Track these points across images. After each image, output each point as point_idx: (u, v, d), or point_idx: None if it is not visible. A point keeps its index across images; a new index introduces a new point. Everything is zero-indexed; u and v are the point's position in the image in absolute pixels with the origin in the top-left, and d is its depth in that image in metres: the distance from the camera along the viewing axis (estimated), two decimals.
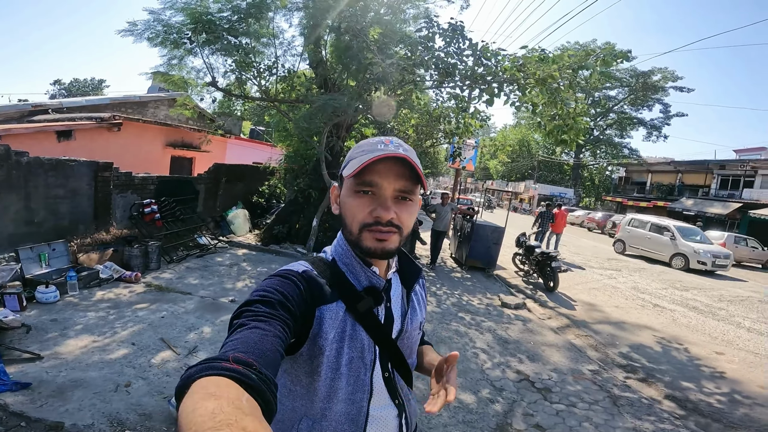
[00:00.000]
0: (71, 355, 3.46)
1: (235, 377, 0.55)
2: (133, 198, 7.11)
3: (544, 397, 3.72)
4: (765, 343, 6.09)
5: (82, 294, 4.96)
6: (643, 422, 3.45)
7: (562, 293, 7.92)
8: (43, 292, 4.57)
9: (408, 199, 0.88)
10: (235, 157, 13.53)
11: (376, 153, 0.84)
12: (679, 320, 6.99)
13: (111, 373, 3.23)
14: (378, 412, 0.93)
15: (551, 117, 7.48)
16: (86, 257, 5.88)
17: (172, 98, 12.86)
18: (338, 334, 0.87)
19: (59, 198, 5.86)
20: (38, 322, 4.01)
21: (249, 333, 0.67)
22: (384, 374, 0.94)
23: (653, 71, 34.36)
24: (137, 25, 6.54)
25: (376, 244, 0.87)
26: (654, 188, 31.45)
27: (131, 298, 5.01)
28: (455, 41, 6.89)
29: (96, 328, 4.06)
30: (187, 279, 6.07)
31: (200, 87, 7.84)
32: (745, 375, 4.81)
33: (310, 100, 7.34)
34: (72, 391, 2.94)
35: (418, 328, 1.04)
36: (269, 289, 0.79)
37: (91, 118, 8.67)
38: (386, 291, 0.97)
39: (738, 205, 23.13)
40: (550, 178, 43.43)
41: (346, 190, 0.91)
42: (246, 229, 9.91)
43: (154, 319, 4.43)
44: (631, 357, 5.05)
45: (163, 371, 3.38)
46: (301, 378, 0.90)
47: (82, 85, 44.61)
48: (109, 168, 6.59)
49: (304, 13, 6.91)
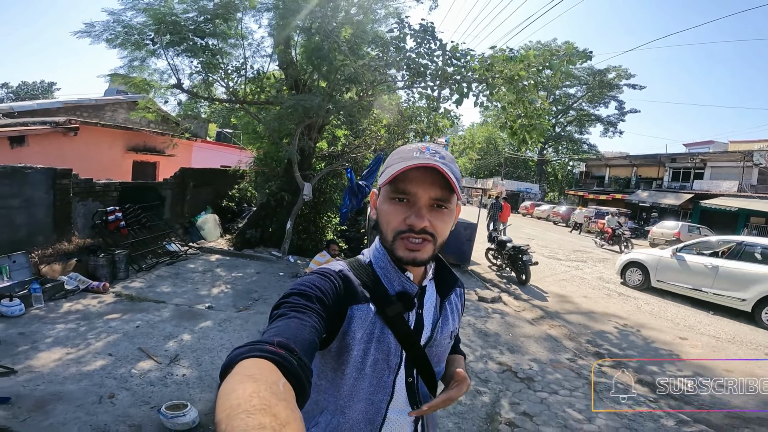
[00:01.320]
0: (46, 368, 3.32)
1: (278, 361, 0.58)
2: (94, 206, 6.79)
3: (527, 386, 3.85)
4: (725, 327, 6.50)
5: (48, 306, 4.73)
6: (621, 405, 3.63)
7: (535, 285, 8.18)
8: (8, 305, 4.33)
9: (444, 207, 0.89)
10: (201, 161, 13.15)
11: (411, 162, 0.84)
12: (642, 308, 7.36)
13: (91, 385, 3.11)
14: (395, 416, 0.94)
15: (517, 116, 7.72)
16: (49, 268, 5.58)
17: (131, 101, 12.35)
18: (366, 334, 0.89)
19: (14, 208, 5.52)
20: (5, 336, 3.82)
21: (289, 321, 0.70)
22: (408, 379, 0.94)
23: (608, 69, 35.99)
24: (95, 26, 6.25)
25: (408, 254, 0.88)
26: (612, 181, 32.92)
27: (101, 309, 4.80)
28: (426, 42, 6.98)
29: (68, 340, 3.89)
30: (158, 287, 5.86)
31: (164, 89, 7.57)
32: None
33: (280, 102, 7.23)
34: (53, 404, 2.83)
35: (449, 337, 1.04)
36: (307, 284, 0.82)
37: (46, 122, 8.20)
38: (419, 297, 0.97)
39: (689, 195, 24.56)
40: (516, 174, 44.68)
41: (383, 197, 0.92)
42: (217, 234, 9.66)
43: (129, 329, 4.26)
44: (601, 345, 5.28)
45: (147, 381, 3.27)
46: (327, 373, 0.91)
47: (31, 89, 41.95)
48: (68, 175, 6.25)
49: (274, 14, 6.80)
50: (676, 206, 24.73)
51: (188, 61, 6.96)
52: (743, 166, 23.36)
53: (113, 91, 12.77)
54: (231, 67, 7.61)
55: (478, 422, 3.16)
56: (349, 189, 8.03)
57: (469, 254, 9.23)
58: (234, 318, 4.91)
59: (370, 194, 1.01)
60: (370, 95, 7.62)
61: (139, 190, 7.84)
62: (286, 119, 7.31)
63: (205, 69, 7.23)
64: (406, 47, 7.07)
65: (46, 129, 7.96)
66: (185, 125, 10.82)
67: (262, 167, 9.97)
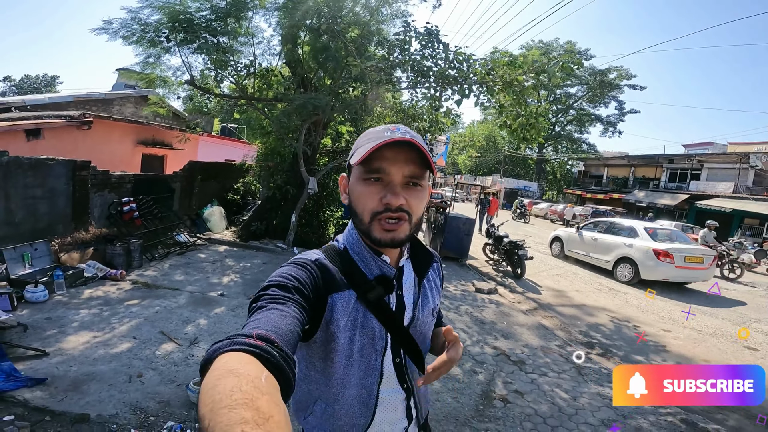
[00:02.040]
0: (76, 350, 3.57)
1: (258, 354, 0.57)
2: (110, 197, 7.08)
3: (519, 368, 4.18)
4: (707, 322, 6.83)
5: (69, 293, 4.99)
6: (604, 388, 3.96)
7: (529, 279, 8.50)
8: (33, 291, 4.60)
9: (418, 185, 0.88)
10: (206, 155, 13.41)
11: (383, 139, 0.84)
12: (631, 302, 7.69)
13: (120, 366, 3.39)
14: (387, 396, 0.95)
15: (516, 116, 8.04)
16: (68, 257, 5.86)
17: (139, 95, 12.64)
18: (350, 321, 0.89)
19: (38, 198, 5.80)
20: (33, 321, 4.06)
21: (268, 313, 0.70)
22: (395, 360, 0.95)
23: (610, 69, 36.15)
24: (112, 23, 6.51)
25: (385, 235, 0.87)
26: (610, 181, 33.26)
27: (120, 296, 5.10)
28: (430, 44, 7.27)
29: (93, 324, 4.16)
30: (172, 276, 6.16)
31: (176, 85, 7.84)
32: (690, 350, 5.43)
33: (289, 99, 7.52)
34: (87, 384, 3.08)
35: (431, 314, 1.04)
36: (284, 275, 0.82)
37: (61, 116, 8.46)
38: (398, 279, 0.97)
39: (686, 196, 24.89)
40: (515, 172, 44.94)
41: (355, 178, 0.90)
42: (222, 226, 9.96)
43: (149, 314, 4.56)
44: (590, 334, 5.61)
45: (170, 361, 3.56)
46: (315, 363, 0.93)
47: (34, 82, 41.81)
48: (87, 167, 6.54)
49: (282, 13, 7.06)
50: (672, 206, 25.07)
51: (203, 58, 7.22)
52: (739, 168, 23.66)
53: (121, 85, 13.03)
54: (241, 65, 7.88)
55: (474, 397, 3.49)
56: None
57: (467, 249, 9.56)
58: (246, 304, 5.20)
59: (340, 178, 1.00)
60: (375, 94, 7.90)
61: (151, 183, 8.12)
62: (294, 116, 7.60)
63: (216, 66, 7.50)
64: (411, 49, 7.37)
65: (62, 122, 8.24)
66: (197, 120, 11.09)
67: (267, 162, 10.26)
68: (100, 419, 2.72)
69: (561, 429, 3.15)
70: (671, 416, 3.49)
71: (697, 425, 3.38)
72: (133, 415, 2.80)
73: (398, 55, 7.31)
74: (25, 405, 2.78)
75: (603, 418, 3.35)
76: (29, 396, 2.87)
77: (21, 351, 3.44)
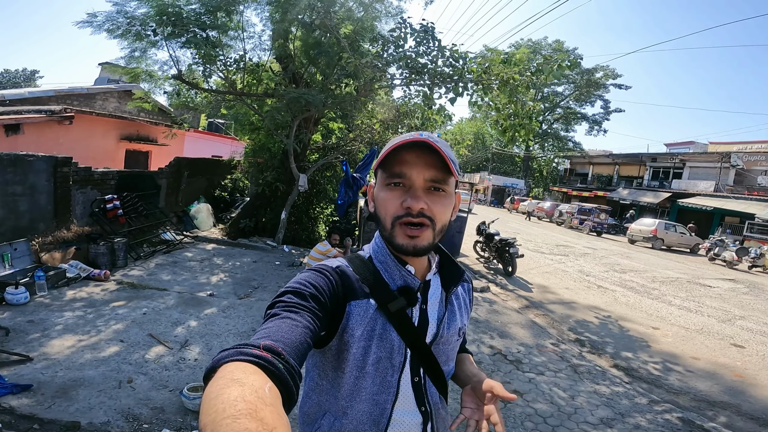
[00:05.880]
0: (61, 355, 3.43)
1: (263, 365, 0.57)
2: (93, 194, 6.86)
3: (516, 367, 4.17)
4: (693, 319, 6.95)
5: (51, 294, 4.81)
6: (600, 386, 3.97)
7: (520, 277, 8.54)
8: (13, 293, 4.40)
9: (441, 190, 0.87)
10: (193, 151, 13.15)
11: (401, 140, 0.84)
12: (619, 299, 7.79)
13: (109, 371, 3.25)
14: (401, 417, 0.90)
15: (508, 116, 8.04)
16: (49, 256, 5.66)
17: (123, 90, 12.30)
18: (367, 332, 0.86)
19: (17, 195, 5.58)
20: (14, 324, 3.89)
21: (280, 322, 0.69)
22: (414, 378, 0.90)
23: (596, 68, 36.56)
24: (97, 17, 6.28)
25: (407, 241, 0.85)
26: (595, 179, 33.75)
27: (105, 297, 4.93)
28: (425, 41, 7.21)
29: (78, 327, 4.01)
30: (158, 275, 6.00)
31: (163, 80, 7.63)
32: (679, 347, 5.51)
33: (280, 94, 7.38)
34: (75, 390, 2.95)
35: (457, 334, 0.99)
36: (302, 282, 0.81)
37: (41, 111, 8.17)
38: (423, 292, 0.93)
39: (668, 194, 25.43)
40: (503, 170, 45.32)
41: (379, 185, 0.90)
42: (210, 223, 9.77)
43: (136, 316, 4.42)
44: (581, 333, 5.64)
45: (161, 365, 3.44)
46: (327, 372, 0.89)
47: (13, 76, 40.41)
48: (69, 163, 6.31)
49: (274, 7, 6.91)
50: (654, 204, 25.54)
51: (189, 53, 7.03)
52: (720, 167, 24.23)
53: (104, 80, 12.67)
54: (231, 59, 7.70)
55: None
56: (345, 181, 8.22)
57: (459, 246, 9.56)
58: (237, 305, 5.10)
59: (367, 187, 0.99)
60: (368, 91, 7.81)
61: (136, 179, 7.90)
62: (285, 111, 7.46)
63: (204, 61, 7.31)
64: (406, 45, 7.30)
65: (42, 117, 7.94)
66: (183, 115, 10.84)
67: (256, 158, 10.10)
68: (92, 427, 2.60)
69: (561, 429, 3.14)
70: (668, 413, 3.52)
71: (693, 423, 3.40)
72: (125, 423, 2.68)
73: (392, 52, 7.23)
74: (11, 413, 2.65)
75: (602, 417, 3.36)
76: (15, 403, 2.73)
77: (3, 356, 3.28)
